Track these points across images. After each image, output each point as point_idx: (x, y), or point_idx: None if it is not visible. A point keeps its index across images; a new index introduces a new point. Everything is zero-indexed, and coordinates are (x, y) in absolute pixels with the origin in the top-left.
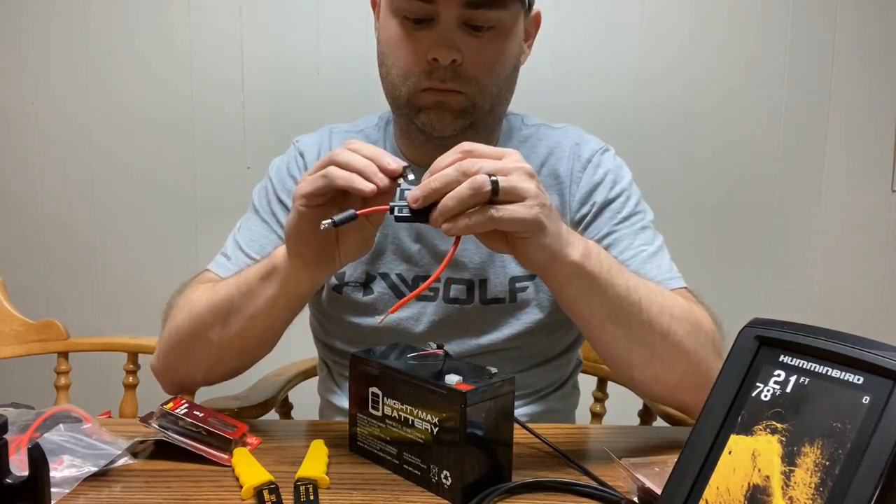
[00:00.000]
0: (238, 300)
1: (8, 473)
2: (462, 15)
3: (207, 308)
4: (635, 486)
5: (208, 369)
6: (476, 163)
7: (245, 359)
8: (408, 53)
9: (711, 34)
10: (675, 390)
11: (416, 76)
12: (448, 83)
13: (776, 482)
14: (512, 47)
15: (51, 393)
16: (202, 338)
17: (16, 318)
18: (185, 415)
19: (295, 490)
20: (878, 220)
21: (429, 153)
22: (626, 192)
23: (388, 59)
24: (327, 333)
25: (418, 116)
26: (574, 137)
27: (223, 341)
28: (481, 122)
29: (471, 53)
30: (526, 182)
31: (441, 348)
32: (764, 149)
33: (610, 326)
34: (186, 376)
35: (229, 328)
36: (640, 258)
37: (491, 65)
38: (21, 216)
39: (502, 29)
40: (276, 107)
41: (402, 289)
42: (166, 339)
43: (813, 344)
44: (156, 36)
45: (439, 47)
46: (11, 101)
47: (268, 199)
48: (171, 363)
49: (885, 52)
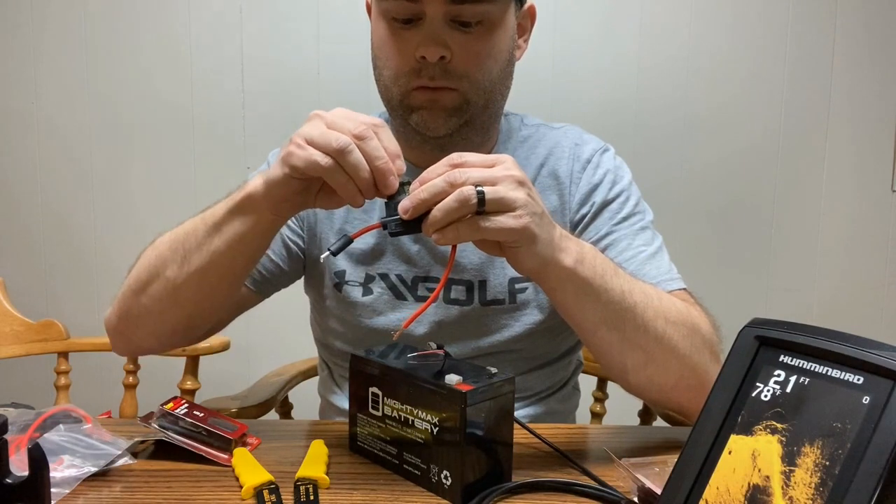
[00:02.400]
0: (203, 234)
1: (8, 473)
2: (448, 11)
3: (169, 243)
4: (635, 486)
5: (160, 315)
6: (464, 173)
7: (198, 305)
8: (397, 54)
9: (712, 35)
10: (670, 393)
11: (407, 76)
12: (438, 81)
13: (776, 482)
14: (503, 41)
15: (51, 393)
16: (160, 275)
17: (16, 318)
18: (185, 415)
19: (295, 490)
20: (878, 220)
21: (426, 154)
22: (626, 192)
23: (379, 62)
24: (327, 333)
25: (412, 116)
26: (574, 137)
27: (180, 278)
28: (476, 120)
29: (460, 49)
30: (514, 191)
31: (441, 348)
32: (764, 149)
33: (604, 330)
34: (136, 327)
35: (189, 264)
36: (639, 259)
37: (481, 59)
38: (21, 216)
39: (491, 23)
40: (276, 107)
41: (400, 289)
42: (125, 285)
43: (813, 344)
44: (156, 36)
45: (426, 45)
46: (11, 101)
47: None
48: (124, 309)
49: (885, 52)
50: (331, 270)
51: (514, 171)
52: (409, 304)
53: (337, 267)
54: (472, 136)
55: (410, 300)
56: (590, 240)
